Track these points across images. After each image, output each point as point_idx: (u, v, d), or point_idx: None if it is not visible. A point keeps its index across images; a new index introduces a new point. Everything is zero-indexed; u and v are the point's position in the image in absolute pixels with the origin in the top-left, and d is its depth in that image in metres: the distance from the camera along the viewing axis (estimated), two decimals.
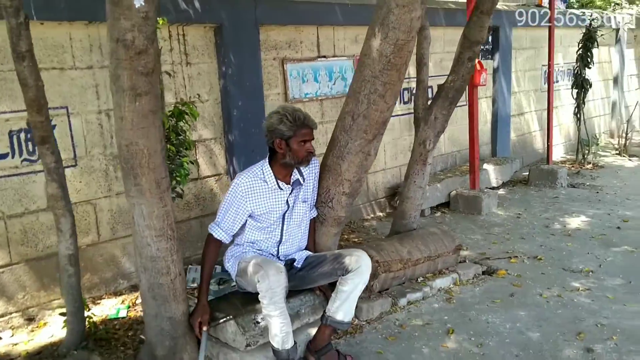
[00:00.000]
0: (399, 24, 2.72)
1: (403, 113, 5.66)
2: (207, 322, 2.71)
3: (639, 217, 5.12)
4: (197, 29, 4.00)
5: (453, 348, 3.02)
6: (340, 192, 3.07)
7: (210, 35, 4.08)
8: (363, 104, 2.90)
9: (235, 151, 4.20)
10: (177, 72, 3.90)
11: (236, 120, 4.16)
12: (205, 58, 4.07)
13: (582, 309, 3.40)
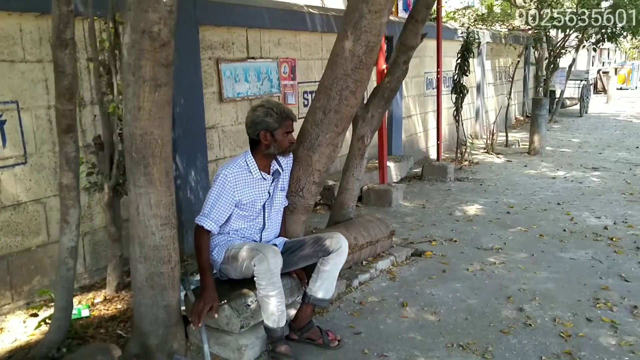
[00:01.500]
0: (370, 27, 3.05)
1: None
2: (217, 308, 2.78)
3: (520, 204, 5.97)
4: None
5: (412, 317, 3.41)
6: (310, 181, 3.32)
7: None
8: (335, 99, 3.19)
9: (178, 149, 4.22)
10: None
11: (178, 119, 4.19)
12: None
13: (503, 278, 3.99)
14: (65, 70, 2.05)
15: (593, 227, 5.09)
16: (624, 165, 7.93)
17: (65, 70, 2.05)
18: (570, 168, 7.80)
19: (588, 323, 3.29)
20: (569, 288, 3.79)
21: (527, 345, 3.05)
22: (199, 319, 2.74)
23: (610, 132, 11.27)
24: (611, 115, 14.38)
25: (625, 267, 4.14)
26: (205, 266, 2.86)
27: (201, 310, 2.74)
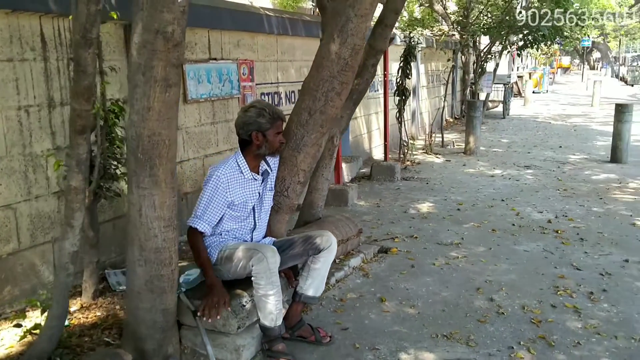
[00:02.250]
0: (356, 31, 3.15)
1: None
2: (229, 302, 2.77)
3: (467, 201, 6.29)
4: (109, 26, 3.87)
5: (393, 312, 3.55)
6: (295, 181, 3.37)
7: (120, 33, 3.97)
8: (320, 101, 3.26)
9: None
10: None
11: None
12: (116, 55, 3.95)
13: (468, 271, 4.22)
14: (87, 70, 1.99)
15: (538, 221, 5.45)
16: (552, 163, 8.51)
17: (87, 69, 1.99)
18: (505, 167, 8.27)
19: (553, 309, 3.55)
20: (530, 278, 4.07)
21: (504, 332, 3.26)
22: (217, 312, 2.72)
23: (534, 133, 12.03)
24: (530, 117, 15.32)
25: (574, 257, 4.48)
26: (207, 264, 2.85)
27: (217, 303, 2.72)
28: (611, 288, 3.86)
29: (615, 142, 8.40)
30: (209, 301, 2.73)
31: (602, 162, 8.55)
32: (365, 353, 3.04)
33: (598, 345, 3.11)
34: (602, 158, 8.83)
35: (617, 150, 8.37)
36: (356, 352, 3.06)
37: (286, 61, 6.18)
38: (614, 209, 5.88)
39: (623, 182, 7.15)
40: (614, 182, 7.12)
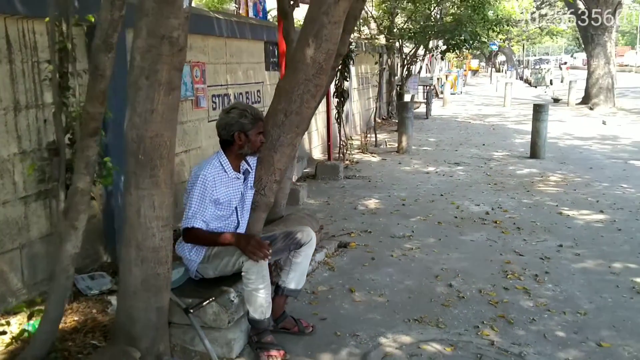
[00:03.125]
0: (330, 36, 3.33)
1: None
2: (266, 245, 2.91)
3: (410, 196, 6.64)
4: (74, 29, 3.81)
5: (364, 301, 3.77)
6: (272, 180, 3.49)
7: (81, 34, 3.92)
8: (296, 102, 3.41)
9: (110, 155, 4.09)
10: None
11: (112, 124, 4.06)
12: (78, 57, 3.90)
13: (424, 261, 4.52)
14: (105, 74, 2.03)
15: (477, 213, 5.88)
16: (479, 160, 9.10)
17: (105, 73, 2.03)
18: (437, 164, 8.75)
19: (506, 291, 3.91)
20: (480, 264, 4.42)
21: (467, 314, 3.56)
22: (264, 251, 2.86)
23: (457, 132, 12.73)
24: (451, 118, 16.15)
25: (515, 244, 4.90)
26: (221, 235, 2.98)
27: (257, 245, 2.87)
28: (552, 270, 4.29)
29: (534, 139, 9.11)
30: (249, 248, 2.86)
31: (523, 158, 9.24)
32: (347, 339, 3.24)
33: (550, 320, 3.47)
34: (522, 154, 9.54)
35: (535, 146, 9.08)
36: (338, 339, 3.24)
37: (234, 63, 6.25)
38: (541, 200, 6.43)
39: (544, 175, 7.79)
40: (536, 176, 7.75)
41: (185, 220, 2.95)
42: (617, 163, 8.75)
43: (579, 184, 7.26)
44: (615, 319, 3.47)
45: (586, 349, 3.13)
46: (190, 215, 2.94)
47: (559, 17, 39.07)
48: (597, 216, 5.74)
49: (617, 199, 6.43)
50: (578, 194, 6.69)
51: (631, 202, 6.29)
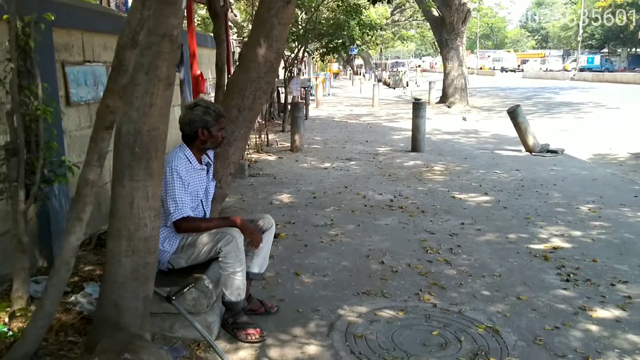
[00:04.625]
0: (280, 37, 3.61)
1: None
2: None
3: (317, 190, 7.05)
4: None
5: (312, 281, 4.08)
6: (227, 173, 3.69)
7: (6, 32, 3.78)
8: (249, 99, 3.64)
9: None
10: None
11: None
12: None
13: (352, 244, 4.93)
14: (128, 69, 2.12)
15: (382, 201, 6.44)
16: (367, 155, 9.78)
17: (128, 69, 2.13)
18: (331, 160, 9.27)
19: (430, 264, 4.45)
20: (401, 244, 4.94)
21: (405, 284, 4.03)
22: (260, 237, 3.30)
23: (339, 131, 13.43)
24: (328, 118, 16.90)
25: (424, 225, 5.51)
26: (218, 222, 3.23)
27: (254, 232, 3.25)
28: (462, 243, 4.92)
29: (414, 134, 9.99)
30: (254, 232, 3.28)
31: (405, 151, 10.10)
32: (310, 314, 3.54)
33: (474, 283, 4.05)
34: (404, 148, 10.41)
35: (416, 141, 9.97)
36: (302, 315, 3.53)
37: None
38: (433, 187, 7.18)
39: (429, 166, 8.64)
40: (422, 167, 8.57)
41: (175, 213, 3.05)
42: (486, 153, 9.92)
43: (460, 172, 8.18)
44: (524, 278, 4.14)
45: (509, 302, 3.72)
46: (180, 205, 3.06)
47: (410, 22, 42.36)
48: (483, 197, 6.58)
49: (495, 182, 7.39)
50: (462, 180, 7.56)
51: (507, 184, 7.26)
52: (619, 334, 3.29)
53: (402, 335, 3.27)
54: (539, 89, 31.94)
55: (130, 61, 2.10)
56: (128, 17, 2.08)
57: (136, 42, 2.07)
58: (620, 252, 4.69)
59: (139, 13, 2.03)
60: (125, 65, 2.08)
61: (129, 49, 2.06)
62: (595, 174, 7.99)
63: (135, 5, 2.05)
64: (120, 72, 2.09)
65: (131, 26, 2.04)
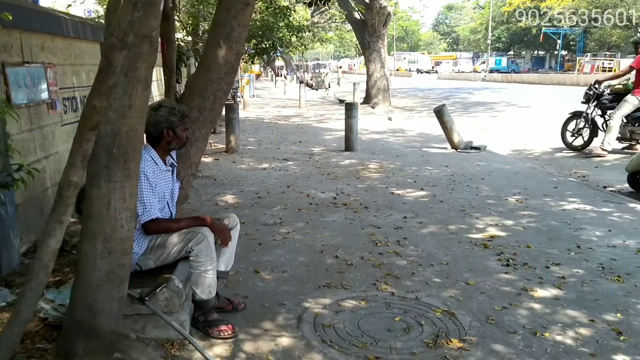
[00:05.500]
0: (239, 39, 3.69)
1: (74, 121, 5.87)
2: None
3: (261, 190, 7.11)
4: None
5: (273, 278, 4.18)
6: (189, 173, 3.72)
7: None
8: (210, 99, 3.69)
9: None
10: None
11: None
12: None
13: (304, 241, 5.07)
14: (115, 71, 2.13)
15: (326, 199, 6.62)
16: (303, 155, 9.94)
17: (116, 70, 2.13)
18: (269, 161, 9.35)
19: (382, 256, 4.66)
20: (351, 238, 5.13)
21: (361, 276, 4.22)
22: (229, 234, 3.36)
23: (270, 132, 13.50)
24: (258, 119, 16.92)
25: (369, 220, 5.73)
26: (188, 222, 3.23)
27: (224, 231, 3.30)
28: (408, 236, 5.18)
29: (347, 134, 10.26)
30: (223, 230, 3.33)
31: (339, 151, 10.35)
32: (276, 309, 3.64)
33: (425, 272, 4.30)
34: (337, 148, 10.66)
35: (349, 140, 10.25)
36: (269, 309, 3.63)
37: (78, 65, 6.04)
38: (372, 184, 7.45)
39: (364, 164, 8.92)
40: (358, 165, 8.84)
41: (144, 215, 3.05)
42: (415, 151, 10.36)
43: (394, 169, 8.52)
44: (469, 265, 4.44)
45: (460, 287, 4.00)
46: (149, 207, 3.06)
47: (329, 25, 43.05)
48: (420, 192, 6.92)
49: (428, 178, 7.77)
50: (398, 177, 7.88)
51: (440, 180, 7.66)
52: (559, 310, 3.63)
53: (367, 322, 3.44)
54: (454, 89, 33.41)
55: (119, 62, 2.12)
56: (118, 18, 2.10)
57: (125, 43, 2.10)
58: (549, 237, 5.12)
59: (130, 15, 2.07)
60: (114, 66, 2.11)
61: (118, 50, 2.09)
62: (516, 168, 8.57)
63: (126, 6, 2.08)
64: (109, 73, 2.11)
65: (121, 28, 2.07)
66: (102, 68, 2.12)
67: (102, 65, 2.13)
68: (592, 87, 9.98)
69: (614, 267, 4.36)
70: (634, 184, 7.26)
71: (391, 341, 3.21)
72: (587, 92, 10.13)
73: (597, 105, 9.94)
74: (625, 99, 9.28)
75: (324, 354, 3.08)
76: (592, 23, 46.56)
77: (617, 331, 3.34)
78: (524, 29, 60.64)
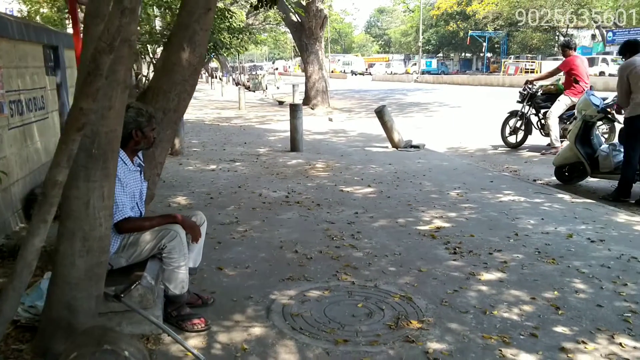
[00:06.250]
0: (202, 42, 3.81)
1: (33, 121, 5.77)
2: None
3: (212, 191, 7.19)
4: None
5: (237, 273, 4.33)
6: (155, 173, 3.81)
7: None
8: (174, 101, 3.79)
9: None
10: None
11: None
12: None
13: (263, 237, 5.22)
14: (103, 73, 2.22)
15: (279, 198, 6.79)
16: (250, 156, 10.05)
17: (104, 73, 2.22)
18: (216, 162, 9.41)
19: (338, 249, 4.89)
20: (308, 234, 5.33)
21: (322, 268, 4.42)
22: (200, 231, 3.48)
23: (214, 134, 13.50)
24: (198, 121, 16.80)
25: (323, 216, 5.96)
26: (159, 220, 3.32)
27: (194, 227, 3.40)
28: (361, 229, 5.44)
29: (292, 135, 10.46)
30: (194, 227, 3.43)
31: (285, 151, 10.53)
32: (244, 302, 3.79)
33: (380, 262, 4.57)
34: (283, 149, 10.84)
35: (295, 141, 10.45)
36: (237, 303, 3.77)
37: (22, 68, 5.93)
38: (321, 182, 7.68)
39: (311, 164, 9.15)
40: (305, 165, 9.05)
41: (116, 214, 3.12)
42: (358, 150, 10.69)
43: (340, 167, 8.79)
44: (420, 254, 4.75)
45: (414, 274, 4.28)
46: (121, 207, 3.14)
47: (263, 26, 43.11)
48: (367, 189, 7.21)
49: (374, 176, 8.08)
50: (345, 175, 8.15)
51: (384, 177, 7.99)
52: (504, 291, 3.98)
53: (333, 310, 3.65)
54: (389, 90, 34.30)
55: (106, 66, 2.23)
56: (106, 24, 2.21)
57: (113, 47, 2.21)
58: (489, 227, 5.51)
59: (118, 20, 2.18)
60: (102, 70, 2.21)
61: (107, 54, 2.20)
62: (454, 165, 9.04)
63: (115, 13, 2.19)
64: (97, 76, 2.21)
65: (110, 33, 2.18)
66: (90, 71, 2.22)
67: (90, 68, 2.23)
68: (525, 88, 10.62)
69: (548, 251, 4.77)
70: (560, 176, 7.85)
71: (356, 325, 3.43)
72: (521, 92, 10.79)
73: (532, 105, 10.59)
74: (559, 99, 9.94)
75: (296, 340, 3.26)
76: (513, 27, 49.08)
77: (555, 307, 3.70)
78: (452, 32, 63.02)
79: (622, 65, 6.84)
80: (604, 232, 5.27)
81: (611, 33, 42.83)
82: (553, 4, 43.77)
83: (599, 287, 3.99)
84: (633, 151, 6.56)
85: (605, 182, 7.53)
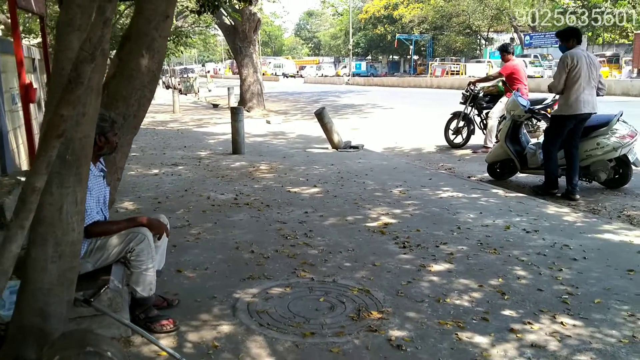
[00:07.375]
0: (160, 49, 3.87)
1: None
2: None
3: (159, 195, 7.15)
4: None
5: (197, 275, 4.40)
6: (115, 178, 3.83)
7: None
8: (134, 106, 3.82)
9: None
10: None
11: None
12: None
13: (218, 239, 5.29)
14: (85, 82, 2.25)
15: (228, 200, 6.85)
16: (192, 160, 10.01)
17: (84, 81, 2.26)
18: (157, 166, 9.31)
19: (294, 247, 5.04)
20: (261, 234, 5.45)
21: (280, 266, 4.56)
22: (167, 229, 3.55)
23: (151, 138, 13.29)
24: None
25: (274, 216, 6.09)
26: (126, 223, 3.38)
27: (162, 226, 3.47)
28: (313, 228, 5.62)
29: (234, 137, 10.50)
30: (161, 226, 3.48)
31: (227, 154, 10.55)
32: (209, 302, 3.87)
33: (335, 258, 4.76)
34: (224, 151, 10.86)
35: (237, 143, 10.49)
36: (202, 303, 3.85)
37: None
38: (267, 184, 7.80)
39: (255, 166, 9.24)
40: (249, 167, 9.13)
41: (87, 218, 3.14)
42: (299, 152, 10.87)
43: (284, 169, 8.94)
44: (372, 249, 4.98)
45: (368, 269, 4.50)
46: (89, 211, 3.16)
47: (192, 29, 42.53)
48: (314, 189, 7.40)
49: (318, 176, 8.29)
50: (290, 176, 8.31)
51: (329, 177, 8.22)
52: (453, 280, 4.26)
53: (296, 305, 3.81)
54: (322, 93, 34.75)
55: (88, 74, 2.29)
56: (89, 33, 2.27)
57: (94, 57, 2.26)
58: (433, 222, 5.83)
59: (100, 31, 2.24)
60: (83, 78, 2.26)
61: (88, 63, 2.25)
62: (394, 164, 9.41)
63: (97, 22, 2.26)
64: (78, 83, 2.26)
65: (92, 42, 2.24)
66: (72, 79, 2.27)
67: (72, 77, 2.27)
68: (468, 89, 11.11)
69: (489, 243, 5.13)
70: (493, 173, 8.36)
71: (321, 319, 3.60)
72: (464, 93, 11.29)
73: (474, 106, 11.09)
74: (501, 101, 10.45)
75: (265, 335, 3.39)
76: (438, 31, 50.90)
77: (501, 292, 4.02)
78: (380, 35, 64.56)
79: (569, 53, 6.65)
80: (537, 223, 5.71)
81: (528, 37, 45.37)
82: (474, 9, 45.82)
83: (537, 273, 4.36)
84: (553, 146, 7.05)
85: (534, 177, 8.08)
